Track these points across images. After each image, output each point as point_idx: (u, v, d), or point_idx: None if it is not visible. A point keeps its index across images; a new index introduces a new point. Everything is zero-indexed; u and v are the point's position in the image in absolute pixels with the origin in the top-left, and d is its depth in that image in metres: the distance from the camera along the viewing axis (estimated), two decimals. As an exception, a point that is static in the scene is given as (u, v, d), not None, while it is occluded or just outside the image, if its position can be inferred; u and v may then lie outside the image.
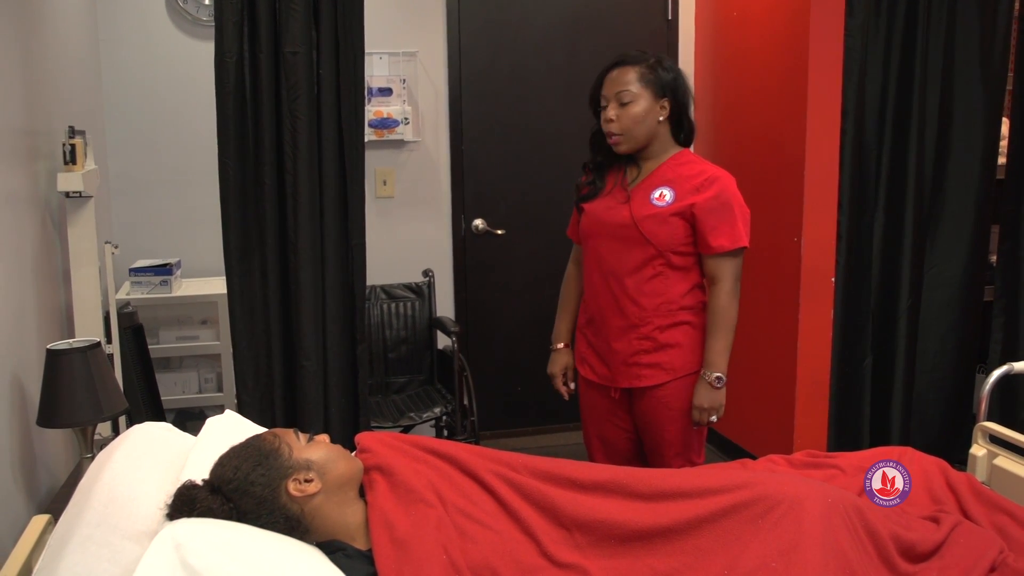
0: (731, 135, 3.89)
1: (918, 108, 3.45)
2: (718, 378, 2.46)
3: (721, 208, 2.43)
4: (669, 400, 2.52)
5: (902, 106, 3.46)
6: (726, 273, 2.46)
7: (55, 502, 2.15)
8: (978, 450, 2.34)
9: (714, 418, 2.50)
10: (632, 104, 2.46)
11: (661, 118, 2.49)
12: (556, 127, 4.13)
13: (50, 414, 2.13)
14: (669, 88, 2.48)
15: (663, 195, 2.47)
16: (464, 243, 4.13)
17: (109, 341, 2.88)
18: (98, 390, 2.16)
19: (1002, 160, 3.70)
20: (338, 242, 2.82)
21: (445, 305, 4.11)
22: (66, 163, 2.60)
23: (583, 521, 1.82)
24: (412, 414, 3.52)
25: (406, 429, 3.56)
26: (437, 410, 3.55)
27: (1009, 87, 3.63)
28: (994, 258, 3.76)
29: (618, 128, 2.49)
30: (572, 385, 2.79)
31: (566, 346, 2.82)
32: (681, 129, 2.55)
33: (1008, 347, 3.66)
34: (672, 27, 4.19)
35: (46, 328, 2.51)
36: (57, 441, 2.54)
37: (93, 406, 2.15)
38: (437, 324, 3.88)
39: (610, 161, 2.60)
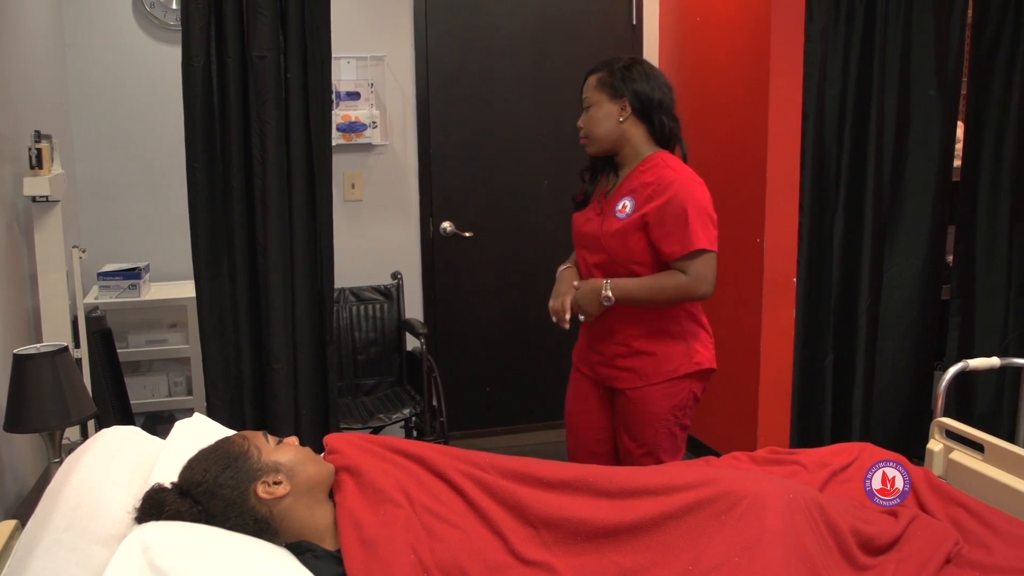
0: (695, 138, 3.90)
1: (876, 112, 3.51)
2: (607, 298, 2.46)
3: (672, 215, 2.42)
4: (642, 404, 2.56)
5: (861, 109, 3.53)
6: (687, 269, 2.45)
7: (23, 507, 2.14)
8: (935, 445, 2.38)
9: (581, 317, 2.53)
10: (592, 108, 2.54)
11: (621, 119, 2.52)
12: (523, 130, 4.16)
13: (17, 419, 2.13)
14: (627, 89, 2.50)
15: (625, 207, 2.50)
16: (432, 245, 4.15)
17: (77, 345, 2.87)
18: (66, 394, 2.15)
19: (957, 163, 3.78)
20: (307, 245, 2.83)
21: (414, 307, 4.12)
22: (32, 167, 2.59)
23: (550, 519, 1.83)
24: (381, 415, 3.53)
25: (376, 430, 3.57)
26: (406, 411, 3.56)
27: (963, 91, 3.71)
28: (950, 258, 3.84)
29: (583, 132, 2.58)
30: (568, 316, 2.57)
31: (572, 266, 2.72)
32: (658, 130, 2.56)
33: (964, 345, 3.74)
34: (637, 32, 4.23)
35: (13, 333, 2.50)
36: (25, 446, 2.52)
37: (61, 410, 2.14)
38: (406, 326, 3.89)
39: (602, 168, 2.66)
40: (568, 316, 2.55)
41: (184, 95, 2.69)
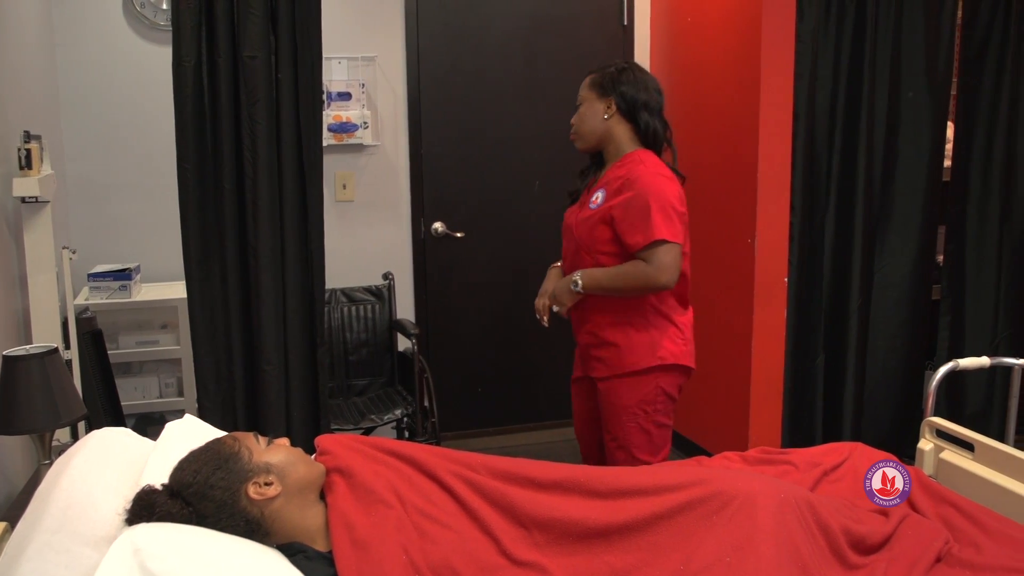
0: (686, 139, 3.93)
1: (867, 112, 3.52)
2: (575, 283, 2.59)
3: (636, 208, 2.48)
4: (610, 395, 2.63)
5: (851, 110, 3.54)
6: (649, 259, 2.49)
7: (12, 509, 2.13)
8: (925, 444, 2.39)
9: (555, 308, 2.67)
10: (582, 105, 2.67)
11: (606, 116, 2.61)
12: (514, 130, 4.16)
13: (7, 420, 2.11)
14: (614, 89, 2.60)
15: (597, 198, 2.60)
16: (424, 246, 4.15)
17: (67, 347, 2.86)
18: (56, 396, 2.14)
19: (947, 163, 3.79)
20: (298, 246, 2.83)
21: (405, 307, 4.12)
22: (22, 168, 2.58)
23: (541, 520, 1.84)
24: (373, 416, 3.52)
25: (367, 431, 3.57)
26: (398, 412, 3.56)
27: (953, 92, 3.73)
28: (941, 258, 3.85)
29: (573, 128, 2.70)
30: (547, 316, 2.74)
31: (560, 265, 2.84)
32: (642, 130, 2.62)
33: (954, 344, 3.76)
34: (628, 32, 4.24)
35: (2, 334, 2.49)
36: (15, 448, 2.52)
37: (51, 412, 2.13)
38: (397, 326, 3.89)
39: (594, 165, 2.75)
40: (547, 316, 2.69)
41: (175, 95, 2.68)
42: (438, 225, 4.14)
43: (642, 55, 4.24)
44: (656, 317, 2.60)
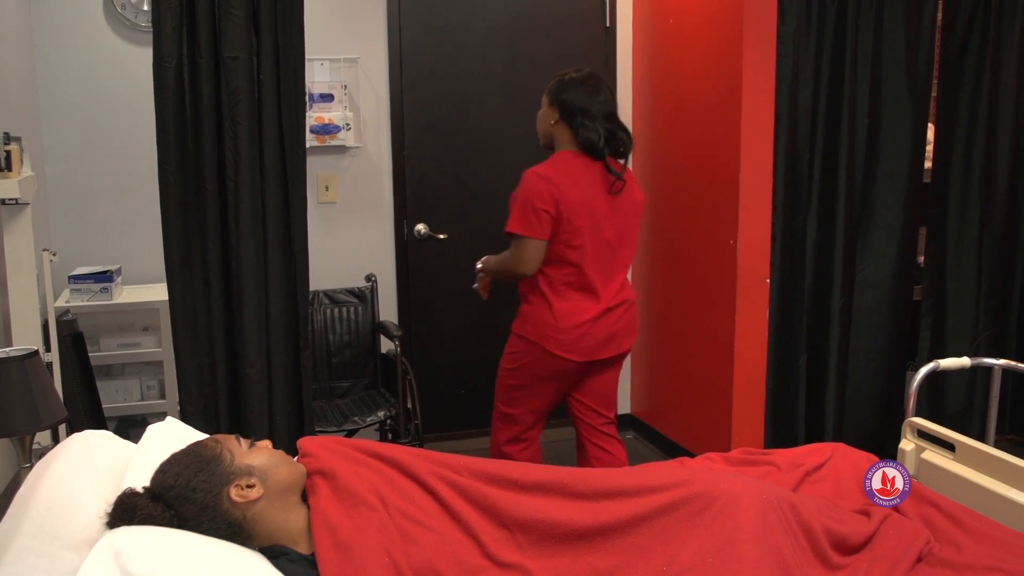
0: (668, 140, 3.96)
1: (848, 114, 3.54)
2: (479, 268, 3.11)
3: (512, 202, 2.82)
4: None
5: (833, 112, 3.55)
6: (511, 249, 2.86)
7: (-8, 513, 2.12)
8: (907, 444, 2.40)
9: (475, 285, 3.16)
10: (541, 109, 2.95)
11: (552, 121, 2.88)
12: (496, 132, 4.16)
13: (-14, 424, 2.10)
14: (556, 96, 2.84)
15: None
16: (406, 248, 4.14)
17: (48, 349, 2.84)
18: (36, 399, 2.12)
19: (928, 164, 3.81)
20: (280, 248, 2.82)
21: (388, 309, 4.11)
22: (1, 170, 2.56)
23: (524, 521, 1.84)
24: (356, 418, 3.52)
25: (351, 433, 3.55)
26: (381, 414, 3.55)
27: (934, 94, 3.75)
28: (922, 259, 3.87)
29: None
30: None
31: None
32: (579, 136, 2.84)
33: (935, 345, 3.78)
34: (610, 34, 4.24)
35: (-18, 337, 2.47)
36: (-6, 451, 2.50)
37: (31, 415, 2.12)
38: (380, 328, 3.88)
39: None
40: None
41: (155, 96, 2.67)
42: (421, 227, 4.13)
43: (624, 57, 4.25)
44: (540, 299, 2.88)
